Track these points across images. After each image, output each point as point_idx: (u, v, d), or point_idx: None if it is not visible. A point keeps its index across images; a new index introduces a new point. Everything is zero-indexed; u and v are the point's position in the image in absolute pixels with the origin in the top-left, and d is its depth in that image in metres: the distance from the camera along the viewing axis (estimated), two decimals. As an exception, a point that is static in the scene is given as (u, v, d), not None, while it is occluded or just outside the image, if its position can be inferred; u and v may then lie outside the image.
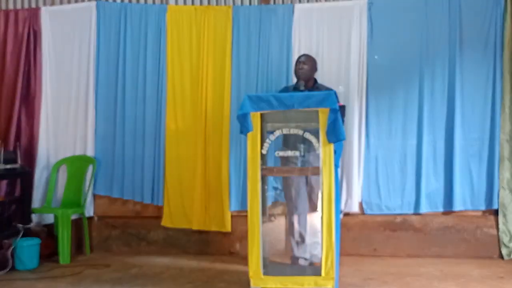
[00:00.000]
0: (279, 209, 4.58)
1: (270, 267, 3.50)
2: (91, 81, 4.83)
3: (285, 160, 3.77)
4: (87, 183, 4.76)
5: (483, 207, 4.49)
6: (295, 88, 4.03)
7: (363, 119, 4.55)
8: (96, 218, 4.87)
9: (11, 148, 4.73)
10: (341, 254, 3.90)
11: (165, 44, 4.78)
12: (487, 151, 4.47)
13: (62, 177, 4.86)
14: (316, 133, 3.32)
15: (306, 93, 3.58)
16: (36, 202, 4.75)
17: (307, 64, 4.07)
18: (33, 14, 4.90)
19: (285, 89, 4.18)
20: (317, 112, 3.30)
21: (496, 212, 4.47)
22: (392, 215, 4.59)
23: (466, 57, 4.48)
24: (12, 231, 4.34)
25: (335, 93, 4.03)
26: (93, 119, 4.83)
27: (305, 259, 3.86)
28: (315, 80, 4.18)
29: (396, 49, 4.56)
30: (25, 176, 4.62)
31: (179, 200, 4.72)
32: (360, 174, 4.56)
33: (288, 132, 3.42)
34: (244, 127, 3.35)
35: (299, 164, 3.68)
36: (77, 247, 4.81)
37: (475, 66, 4.48)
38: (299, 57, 4.16)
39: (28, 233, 4.43)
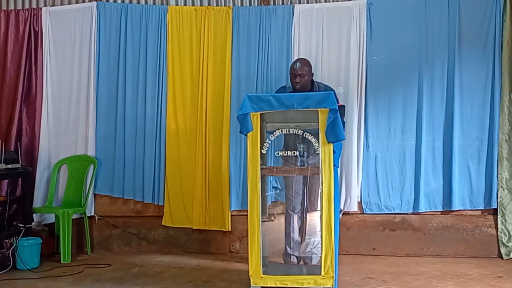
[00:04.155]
0: (279, 209, 4.60)
1: (270, 266, 3.51)
2: (92, 81, 4.83)
3: (285, 160, 3.77)
4: (88, 182, 4.78)
5: (482, 207, 4.50)
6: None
7: (362, 119, 4.56)
8: (97, 218, 4.88)
9: (12, 148, 4.74)
10: (340, 253, 3.92)
11: (166, 45, 4.79)
12: (486, 151, 4.48)
13: (63, 177, 4.88)
14: (315, 133, 3.34)
15: (306, 93, 3.58)
16: (37, 201, 4.76)
17: (304, 76, 3.82)
18: (34, 14, 4.90)
19: (282, 89, 4.04)
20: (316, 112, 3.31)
21: (495, 212, 4.48)
22: (391, 214, 4.60)
23: (465, 57, 4.49)
24: (13, 230, 4.36)
25: (334, 92, 4.03)
26: (93, 119, 4.84)
27: (297, 257, 3.86)
28: (312, 82, 3.97)
29: (396, 50, 4.57)
30: (26, 176, 4.64)
31: (179, 200, 4.75)
32: (360, 173, 4.57)
33: (287, 132, 3.44)
34: (244, 127, 3.36)
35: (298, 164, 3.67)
36: (78, 246, 4.83)
37: (474, 66, 4.49)
38: (294, 67, 3.84)
39: (29, 233, 4.45)
